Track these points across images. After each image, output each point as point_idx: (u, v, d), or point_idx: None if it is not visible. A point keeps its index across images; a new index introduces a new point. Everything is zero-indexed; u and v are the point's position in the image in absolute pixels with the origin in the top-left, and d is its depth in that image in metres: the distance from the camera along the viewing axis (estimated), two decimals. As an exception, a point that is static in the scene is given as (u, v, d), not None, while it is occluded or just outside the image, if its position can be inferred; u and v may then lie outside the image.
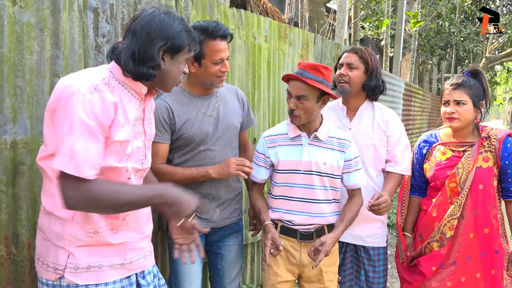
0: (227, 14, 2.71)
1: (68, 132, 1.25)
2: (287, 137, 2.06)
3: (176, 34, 1.40)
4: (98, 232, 1.43)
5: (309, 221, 2.04)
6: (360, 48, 2.31)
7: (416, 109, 9.44)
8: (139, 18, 1.40)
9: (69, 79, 1.34)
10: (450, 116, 2.21)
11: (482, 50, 15.77)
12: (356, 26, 6.44)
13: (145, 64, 1.38)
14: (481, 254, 2.18)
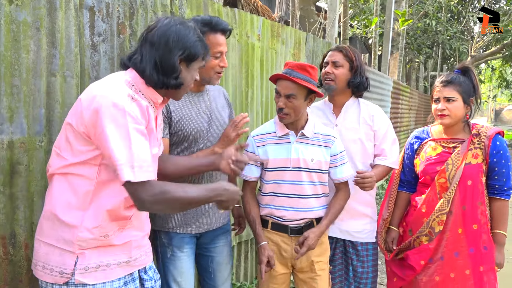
0: (221, 13, 2.71)
1: (126, 141, 1.33)
2: (275, 136, 2.12)
3: (193, 44, 1.49)
4: (108, 236, 1.46)
5: (299, 216, 2.10)
6: (345, 46, 2.37)
7: (403, 107, 9.56)
8: (156, 29, 1.47)
9: (100, 91, 1.39)
10: (441, 113, 2.26)
11: (468, 49, 16.01)
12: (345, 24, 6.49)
13: (169, 74, 1.46)
14: (470, 250, 2.23)
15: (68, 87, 1.80)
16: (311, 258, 2.13)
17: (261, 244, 2.11)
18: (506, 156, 2.23)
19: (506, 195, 2.24)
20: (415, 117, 11.63)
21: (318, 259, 2.15)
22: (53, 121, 1.76)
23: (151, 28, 1.49)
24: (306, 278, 2.17)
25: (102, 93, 1.37)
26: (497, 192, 2.25)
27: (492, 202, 2.27)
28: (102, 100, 1.35)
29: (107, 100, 1.35)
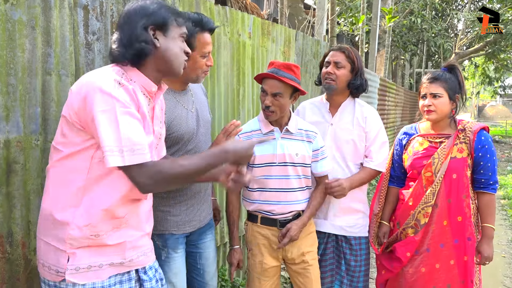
0: (213, 11, 2.73)
1: (114, 124, 1.30)
2: (260, 133, 2.18)
3: (156, 10, 1.46)
4: (99, 235, 1.44)
5: (287, 209, 2.17)
6: (347, 47, 2.39)
7: (390, 104, 9.68)
8: (122, 15, 1.48)
9: (89, 79, 1.37)
10: (428, 109, 2.33)
11: (452, 46, 16.24)
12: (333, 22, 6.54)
13: (136, 41, 1.42)
14: (455, 241, 2.30)
15: (63, 85, 1.81)
16: (301, 249, 2.20)
17: (234, 247, 2.22)
18: (491, 150, 2.30)
19: (492, 189, 2.30)
20: (401, 114, 11.78)
21: (308, 249, 2.22)
22: (48, 119, 1.76)
23: (120, 16, 1.50)
24: (299, 269, 2.22)
25: (89, 79, 1.36)
26: (483, 186, 2.31)
27: (479, 196, 2.34)
28: (89, 87, 1.34)
29: (94, 86, 1.33)
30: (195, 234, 2.12)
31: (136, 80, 1.45)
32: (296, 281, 2.26)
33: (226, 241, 3.13)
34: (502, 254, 4.86)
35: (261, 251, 2.20)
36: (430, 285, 2.32)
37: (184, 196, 1.99)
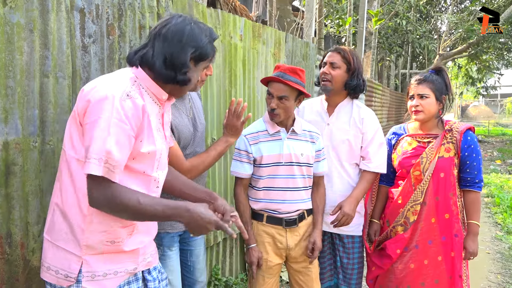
0: (205, 14, 2.77)
1: (105, 134, 1.30)
2: (267, 134, 2.22)
3: (205, 45, 1.50)
4: (115, 242, 1.45)
5: (293, 208, 2.23)
6: (344, 48, 2.43)
7: (376, 104, 9.82)
8: (170, 25, 1.46)
9: (99, 83, 1.38)
10: (415, 109, 2.40)
11: (436, 47, 16.53)
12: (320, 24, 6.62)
13: (178, 70, 1.45)
14: (442, 238, 2.37)
15: (60, 88, 1.82)
16: (304, 248, 2.27)
17: (251, 246, 2.23)
18: (477, 150, 2.38)
19: (477, 187, 2.38)
20: (387, 114, 11.96)
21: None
22: (46, 121, 1.78)
23: (164, 23, 1.48)
24: (300, 268, 2.29)
25: (101, 85, 1.37)
26: (469, 184, 2.39)
27: (465, 194, 2.42)
28: (97, 92, 1.35)
29: (101, 92, 1.34)
30: (187, 232, 2.14)
31: (148, 87, 1.48)
32: (297, 279, 2.31)
33: (219, 240, 3.17)
34: (486, 250, 4.99)
35: (266, 249, 2.25)
36: (418, 281, 2.38)
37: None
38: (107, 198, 1.32)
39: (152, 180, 1.51)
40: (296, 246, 2.26)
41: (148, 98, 1.47)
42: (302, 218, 2.27)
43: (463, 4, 18.22)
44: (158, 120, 1.52)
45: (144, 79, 1.47)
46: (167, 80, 1.47)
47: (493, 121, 35.06)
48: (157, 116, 1.52)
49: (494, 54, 18.60)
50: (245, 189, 2.29)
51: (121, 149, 1.33)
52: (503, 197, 7.41)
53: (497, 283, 4.06)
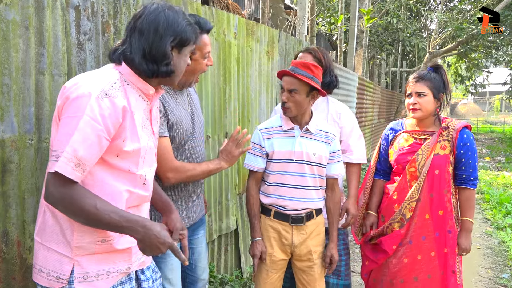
0: (200, 12, 2.77)
1: (74, 132, 1.26)
2: (281, 130, 2.24)
3: (184, 29, 1.43)
4: (106, 240, 1.42)
5: (300, 206, 2.23)
6: (314, 48, 2.50)
7: (368, 102, 9.88)
8: (144, 16, 1.40)
9: (80, 80, 1.34)
10: (413, 107, 2.42)
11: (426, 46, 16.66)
12: (312, 22, 6.65)
13: (160, 62, 1.40)
14: (436, 234, 2.39)
15: (56, 85, 1.82)
16: (309, 248, 2.26)
17: (256, 239, 2.25)
18: (472, 148, 2.40)
19: (472, 184, 2.40)
20: (378, 112, 12.03)
21: (316, 249, 2.29)
22: (42, 119, 1.77)
23: (138, 15, 1.42)
24: (304, 266, 2.29)
25: (81, 82, 1.32)
26: (464, 182, 2.41)
27: (460, 191, 2.44)
28: (76, 90, 1.30)
29: (79, 90, 1.30)
30: (189, 230, 2.12)
31: (134, 83, 1.44)
32: (300, 278, 2.32)
33: (214, 238, 3.17)
34: (477, 246, 5.06)
35: (271, 244, 2.26)
36: (412, 275, 2.41)
37: (181, 193, 2.02)
38: (63, 198, 1.28)
39: (138, 178, 1.47)
40: (302, 245, 2.26)
41: (134, 94, 1.44)
42: (310, 217, 2.27)
43: (452, 2, 18.40)
44: (145, 116, 1.49)
45: (129, 74, 1.42)
46: (150, 74, 1.42)
47: (482, 118, 35.50)
48: (145, 112, 1.49)
49: (483, 53, 18.80)
50: (257, 182, 2.30)
51: (88, 149, 1.28)
52: (493, 193, 7.52)
53: (487, 277, 4.13)
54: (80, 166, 1.28)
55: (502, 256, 4.75)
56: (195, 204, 2.11)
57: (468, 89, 25.46)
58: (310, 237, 2.27)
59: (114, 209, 1.34)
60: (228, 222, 3.29)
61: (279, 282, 2.30)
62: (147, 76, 1.43)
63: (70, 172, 1.26)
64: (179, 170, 1.87)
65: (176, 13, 1.44)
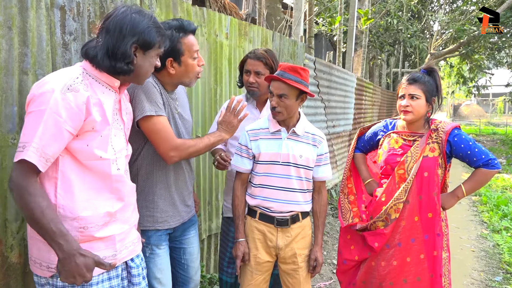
0: (190, 12, 2.78)
1: (40, 124, 1.35)
2: (268, 131, 2.24)
3: (146, 30, 1.54)
4: (88, 227, 1.49)
5: (285, 208, 2.23)
6: (264, 54, 2.46)
7: (367, 103, 9.87)
8: (112, 17, 1.52)
9: (47, 77, 1.45)
10: (404, 109, 2.41)
11: (427, 47, 16.62)
12: (310, 22, 6.65)
13: (121, 60, 1.50)
14: (425, 237, 2.39)
15: (40, 85, 1.83)
16: (294, 251, 2.26)
17: (239, 240, 2.25)
18: (464, 140, 2.36)
19: (491, 166, 2.35)
20: (378, 112, 12.01)
21: (301, 252, 2.28)
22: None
23: (108, 16, 1.54)
24: (288, 269, 2.29)
25: (46, 79, 1.43)
26: (483, 165, 2.36)
27: (479, 169, 2.39)
28: (41, 86, 1.40)
29: (44, 86, 1.39)
30: (178, 230, 2.16)
31: (99, 77, 1.53)
32: (285, 280, 2.32)
33: (203, 238, 3.18)
34: (471, 248, 5.05)
35: (256, 246, 2.26)
36: (401, 278, 2.41)
37: (169, 192, 2.04)
38: (20, 188, 1.36)
39: (111, 164, 1.54)
40: (286, 247, 2.25)
41: (100, 87, 1.53)
42: (295, 220, 2.26)
43: (455, 3, 18.35)
44: (115, 105, 1.58)
45: (91, 70, 1.52)
46: (108, 70, 1.51)
47: (485, 120, 35.36)
48: (115, 102, 1.58)
49: (484, 54, 18.75)
50: (243, 184, 2.31)
51: (51, 140, 1.37)
52: (490, 195, 7.50)
53: (479, 280, 4.12)
54: (43, 156, 1.36)
55: (496, 259, 4.74)
56: (183, 203, 2.12)
57: (470, 90, 25.39)
58: (295, 240, 2.26)
59: (56, 220, 1.39)
60: (217, 222, 3.30)
61: (264, 284, 2.30)
62: (108, 71, 1.52)
63: (37, 161, 1.35)
64: (180, 148, 1.92)
65: (142, 17, 1.56)
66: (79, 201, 1.47)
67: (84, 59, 1.54)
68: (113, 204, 1.57)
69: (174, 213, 2.07)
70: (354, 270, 2.62)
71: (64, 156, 1.45)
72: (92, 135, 1.48)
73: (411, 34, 13.90)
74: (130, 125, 1.74)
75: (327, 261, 4.41)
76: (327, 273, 4.13)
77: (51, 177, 1.45)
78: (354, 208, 2.67)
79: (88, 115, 1.45)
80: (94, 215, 1.51)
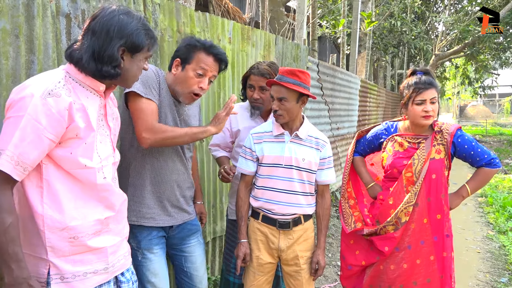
0: (193, 18, 2.82)
1: (17, 131, 1.29)
2: (271, 135, 2.28)
3: (134, 32, 1.45)
4: (78, 237, 1.44)
5: (287, 211, 2.25)
6: (268, 70, 2.46)
7: (371, 105, 9.86)
8: (98, 17, 1.43)
9: (27, 81, 1.38)
10: (427, 115, 2.35)
11: (432, 48, 16.58)
12: (314, 25, 6.67)
13: (107, 63, 1.42)
14: (434, 238, 2.39)
15: (47, 91, 1.87)
16: (296, 253, 2.28)
17: (241, 241, 2.29)
18: (467, 140, 2.37)
19: (493, 165, 2.38)
20: (383, 114, 12.00)
21: (303, 254, 2.30)
22: (32, 124, 1.82)
23: (94, 16, 1.44)
24: (291, 271, 2.32)
25: (26, 84, 1.35)
26: (486, 164, 2.39)
27: (481, 168, 2.42)
28: (21, 91, 1.33)
29: (23, 91, 1.32)
30: (176, 238, 2.17)
31: (82, 81, 1.45)
32: (288, 282, 2.35)
33: (208, 240, 3.21)
34: (477, 249, 5.04)
35: (259, 247, 2.29)
36: (411, 280, 2.40)
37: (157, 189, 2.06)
38: None
39: (96, 172, 1.47)
40: (288, 249, 2.28)
41: (84, 91, 1.45)
42: (297, 222, 2.28)
43: (460, 4, 18.30)
44: (100, 110, 1.51)
45: (75, 73, 1.44)
46: (93, 74, 1.44)
47: (491, 120, 35.11)
48: (99, 107, 1.51)
49: (490, 55, 18.66)
50: (247, 186, 2.34)
51: (29, 147, 1.31)
52: (496, 196, 7.46)
53: (485, 281, 4.11)
54: (19, 164, 1.30)
55: (501, 260, 4.72)
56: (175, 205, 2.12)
57: (476, 91, 25.25)
58: (297, 242, 2.28)
59: (16, 241, 1.31)
60: (222, 225, 3.33)
61: (266, 285, 2.33)
62: (93, 75, 1.44)
63: (11, 170, 1.29)
64: (155, 130, 1.87)
65: (131, 18, 1.46)
66: (66, 210, 1.41)
67: (68, 62, 1.46)
68: (102, 212, 1.52)
69: (161, 212, 2.07)
70: (359, 275, 2.62)
71: (47, 165, 1.39)
72: (76, 142, 1.41)
73: (415, 36, 13.88)
74: (117, 131, 1.67)
75: (332, 263, 4.42)
76: (332, 275, 4.14)
77: (37, 186, 1.39)
78: (356, 213, 2.67)
79: (70, 121, 1.38)
80: (83, 224, 1.45)
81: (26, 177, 1.37)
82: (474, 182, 2.43)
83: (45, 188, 1.39)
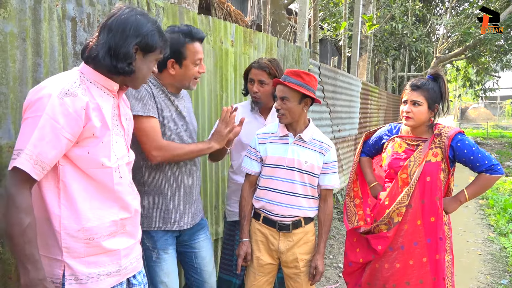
0: (196, 21, 2.85)
1: (35, 131, 1.31)
2: (276, 136, 2.31)
3: (149, 33, 1.51)
4: (94, 238, 1.47)
5: (288, 212, 2.26)
6: (267, 64, 2.51)
7: (372, 107, 9.88)
8: (115, 16, 1.48)
9: (44, 82, 1.41)
10: (406, 115, 2.45)
11: (433, 50, 16.59)
12: (315, 28, 6.71)
13: (122, 60, 1.47)
14: (427, 240, 2.42)
15: (52, 93, 1.90)
16: (296, 255, 2.29)
17: (243, 240, 2.31)
18: (467, 145, 2.38)
19: (494, 171, 2.36)
20: (384, 116, 12.02)
21: (303, 257, 2.31)
22: (38, 126, 1.85)
23: (111, 14, 1.50)
24: (291, 273, 2.33)
25: (43, 84, 1.39)
26: (486, 170, 2.37)
27: (481, 174, 2.41)
28: (38, 91, 1.36)
29: (41, 92, 1.35)
30: (186, 235, 2.19)
31: (97, 81, 1.49)
32: (288, 284, 2.37)
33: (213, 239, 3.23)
34: (478, 251, 5.05)
35: (259, 248, 2.32)
36: (403, 280, 2.44)
37: (177, 192, 2.09)
38: (8, 194, 1.32)
39: (113, 172, 1.51)
40: (288, 252, 2.29)
41: (98, 91, 1.49)
42: (297, 225, 2.29)
43: (461, 7, 18.32)
44: (114, 111, 1.55)
45: (90, 73, 1.48)
46: (109, 69, 1.48)
47: (493, 123, 35.11)
48: (113, 107, 1.55)
49: (491, 57, 18.67)
50: (251, 185, 2.37)
51: (47, 147, 1.32)
52: (497, 199, 7.47)
53: (486, 283, 4.13)
54: (38, 163, 1.32)
55: (502, 262, 4.73)
56: (192, 204, 2.16)
57: (477, 93, 25.24)
58: (297, 245, 2.29)
59: (33, 242, 1.33)
60: (220, 226, 3.35)
61: (267, 286, 2.35)
62: (107, 71, 1.49)
63: (30, 169, 1.31)
64: (164, 149, 1.94)
65: (147, 20, 1.52)
66: (82, 211, 1.44)
67: (83, 61, 1.50)
68: (117, 213, 1.54)
69: (184, 215, 2.11)
70: (360, 272, 2.66)
71: (64, 165, 1.41)
72: (93, 141, 1.44)
73: (416, 38, 13.90)
74: (130, 131, 1.71)
75: (333, 265, 4.43)
76: (333, 277, 4.16)
77: (54, 187, 1.42)
78: (360, 211, 2.71)
79: (87, 120, 1.41)
80: (99, 225, 1.48)
81: (44, 178, 1.40)
82: (473, 188, 2.43)
83: (61, 189, 1.42)
